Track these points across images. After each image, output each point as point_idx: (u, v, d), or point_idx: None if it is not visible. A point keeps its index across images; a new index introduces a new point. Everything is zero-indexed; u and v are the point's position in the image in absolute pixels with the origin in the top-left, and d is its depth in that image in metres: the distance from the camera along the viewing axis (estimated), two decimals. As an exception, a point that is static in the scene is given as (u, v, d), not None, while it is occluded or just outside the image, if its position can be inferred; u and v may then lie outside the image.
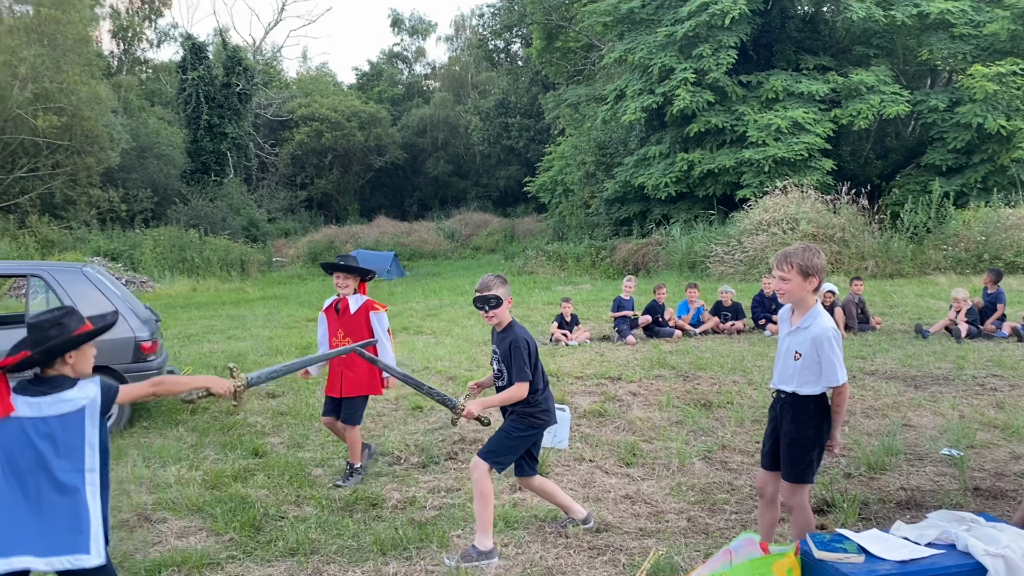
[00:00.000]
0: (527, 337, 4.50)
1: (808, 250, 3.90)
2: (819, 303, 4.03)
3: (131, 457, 6.31)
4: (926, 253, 18.76)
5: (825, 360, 3.84)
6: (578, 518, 4.80)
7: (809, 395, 3.93)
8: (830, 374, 3.83)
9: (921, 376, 8.79)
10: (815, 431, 3.95)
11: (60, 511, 3.06)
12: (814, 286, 3.90)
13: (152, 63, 55.64)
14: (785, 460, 4.03)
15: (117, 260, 27.45)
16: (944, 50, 22.78)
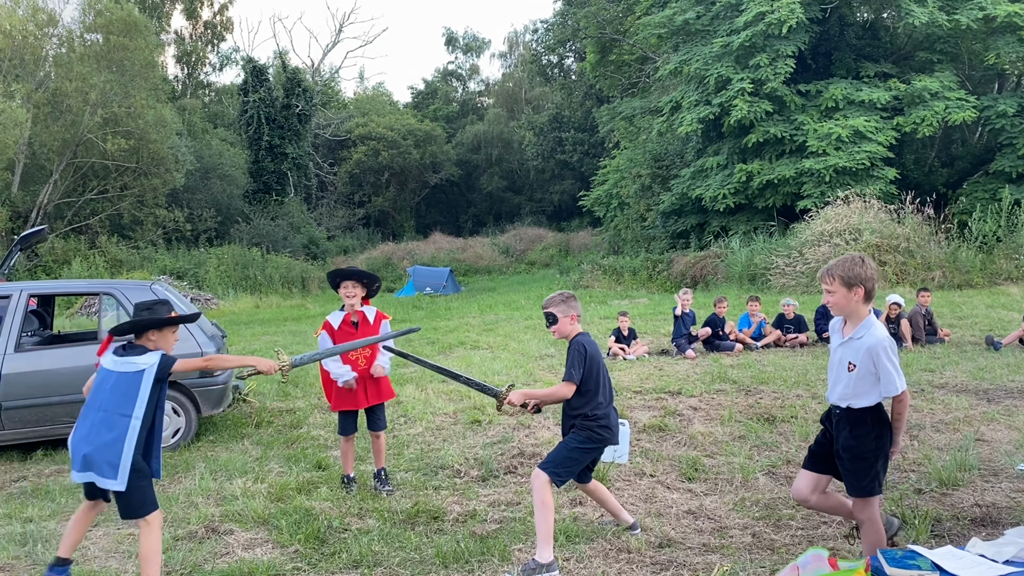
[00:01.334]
0: (587, 343, 4.59)
1: (850, 260, 3.87)
2: (872, 313, 3.96)
3: (198, 470, 6.46)
4: (996, 263, 18.19)
5: (882, 370, 3.78)
6: (626, 523, 4.92)
7: (866, 407, 3.87)
8: (888, 383, 3.78)
9: (994, 389, 8.50)
10: (876, 442, 3.90)
11: (104, 443, 3.94)
12: (860, 296, 3.84)
13: (215, 86, 57.29)
14: (850, 475, 3.97)
15: (182, 278, 28.21)
16: (1012, 53, 22.09)
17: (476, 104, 64.69)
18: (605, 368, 4.69)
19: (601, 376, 4.62)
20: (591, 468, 4.85)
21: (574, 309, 4.70)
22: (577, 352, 4.57)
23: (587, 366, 4.56)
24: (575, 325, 4.72)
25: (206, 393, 7.45)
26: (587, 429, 4.57)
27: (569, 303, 4.70)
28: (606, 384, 4.65)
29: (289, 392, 9.74)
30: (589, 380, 4.57)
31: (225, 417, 8.30)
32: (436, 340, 13.88)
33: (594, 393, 4.59)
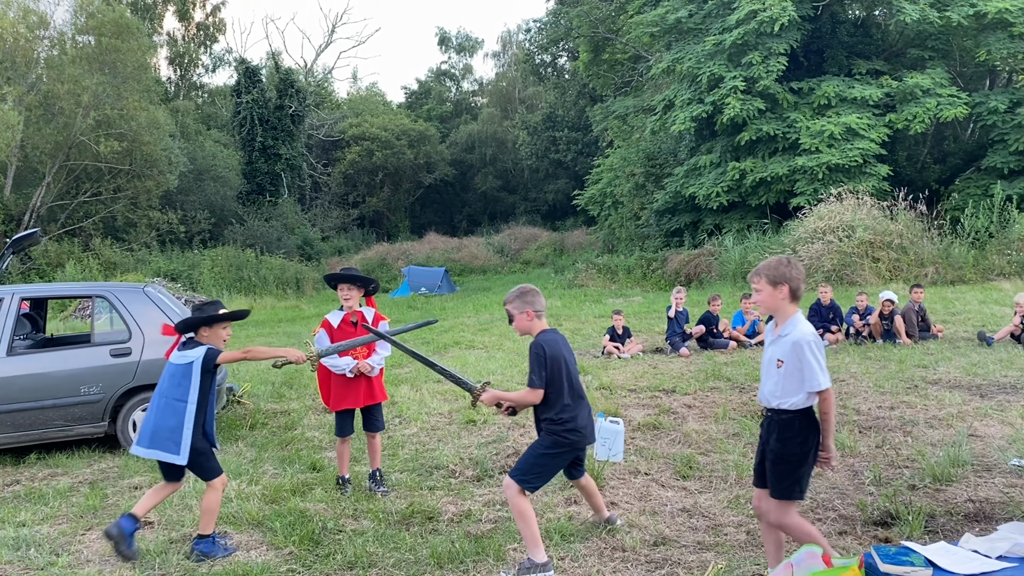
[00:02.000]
0: (546, 344, 4.44)
1: (777, 261, 4.01)
2: (799, 312, 3.98)
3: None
4: (989, 258, 18.24)
5: (805, 364, 3.81)
6: (602, 517, 4.96)
7: (795, 410, 3.87)
8: (811, 379, 3.79)
9: (987, 385, 8.52)
10: (802, 447, 3.87)
11: (168, 426, 4.69)
12: (785, 294, 3.92)
13: (208, 88, 57.14)
14: (771, 477, 3.96)
15: (177, 280, 28.16)
16: (1003, 50, 22.16)
17: (470, 104, 64.66)
18: (571, 366, 4.51)
19: (565, 377, 4.44)
20: (580, 463, 4.73)
21: (530, 304, 4.54)
22: (535, 355, 4.41)
23: (549, 368, 4.40)
24: (535, 321, 4.56)
25: (200, 395, 7.43)
26: (553, 434, 4.43)
27: (525, 298, 4.56)
28: (572, 384, 4.47)
29: (283, 394, 9.73)
30: (552, 383, 4.42)
31: (219, 419, 8.28)
32: (431, 340, 13.88)
33: (557, 395, 4.43)
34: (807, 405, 3.87)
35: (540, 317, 4.58)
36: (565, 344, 4.58)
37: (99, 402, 7.18)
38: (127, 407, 7.26)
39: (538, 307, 4.57)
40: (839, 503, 5.26)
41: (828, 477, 5.79)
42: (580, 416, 4.48)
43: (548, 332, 4.54)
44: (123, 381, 7.22)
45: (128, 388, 7.24)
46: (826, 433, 3.89)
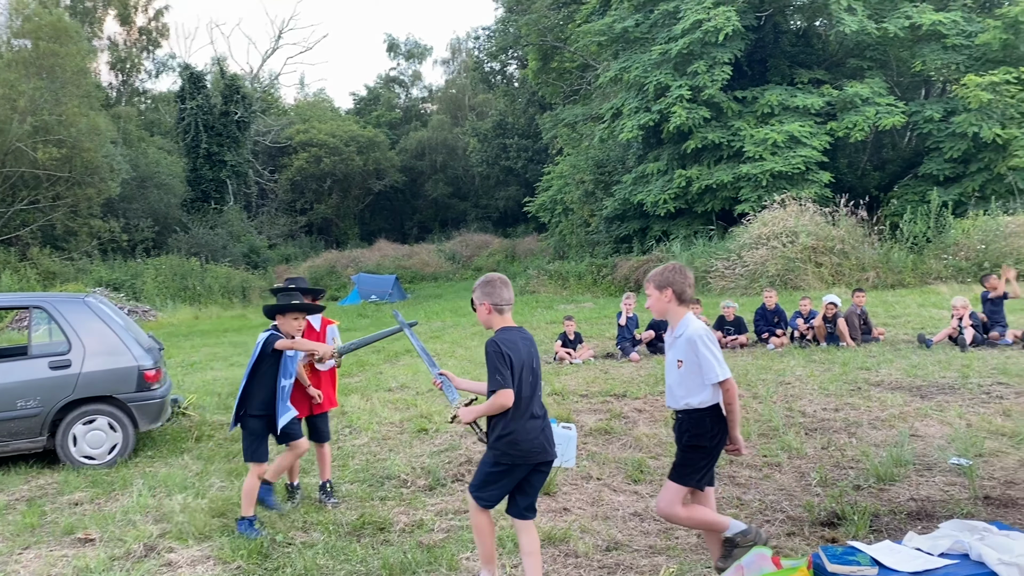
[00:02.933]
0: (503, 342, 3.95)
1: (664, 267, 4.18)
2: (690, 314, 4.12)
3: (136, 486, 6.28)
4: (927, 263, 18.77)
5: (701, 358, 3.94)
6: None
7: (704, 408, 3.98)
8: (708, 371, 3.91)
9: (926, 386, 8.76)
10: (711, 441, 4.00)
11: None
12: (670, 297, 4.09)
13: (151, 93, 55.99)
14: (676, 463, 4.10)
15: (119, 290, 27.50)
16: (937, 61, 22.89)
17: (419, 110, 64.46)
18: (529, 373, 3.99)
19: (526, 384, 3.97)
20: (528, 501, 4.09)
21: (488, 296, 4.08)
22: (494, 352, 3.92)
23: (512, 368, 3.91)
24: (493, 316, 4.10)
25: (143, 408, 7.26)
26: (494, 448, 3.99)
27: (485, 288, 4.11)
28: (522, 395, 3.94)
29: (230, 405, 9.54)
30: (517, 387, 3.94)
31: (164, 432, 8.09)
32: (382, 348, 13.77)
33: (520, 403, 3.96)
34: (714, 402, 3.97)
35: (502, 312, 4.11)
36: (529, 347, 4.07)
37: (37, 416, 6.96)
38: (67, 421, 7.05)
39: (497, 300, 4.09)
40: (787, 504, 5.34)
41: (776, 479, 5.89)
42: (526, 430, 3.94)
43: (509, 331, 4.06)
44: (62, 394, 7.02)
45: (68, 401, 7.03)
46: (732, 424, 3.99)
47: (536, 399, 4.02)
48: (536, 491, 4.11)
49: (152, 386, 7.31)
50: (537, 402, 4.04)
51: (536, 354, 4.11)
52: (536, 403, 4.02)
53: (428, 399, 9.18)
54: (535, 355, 4.10)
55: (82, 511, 5.85)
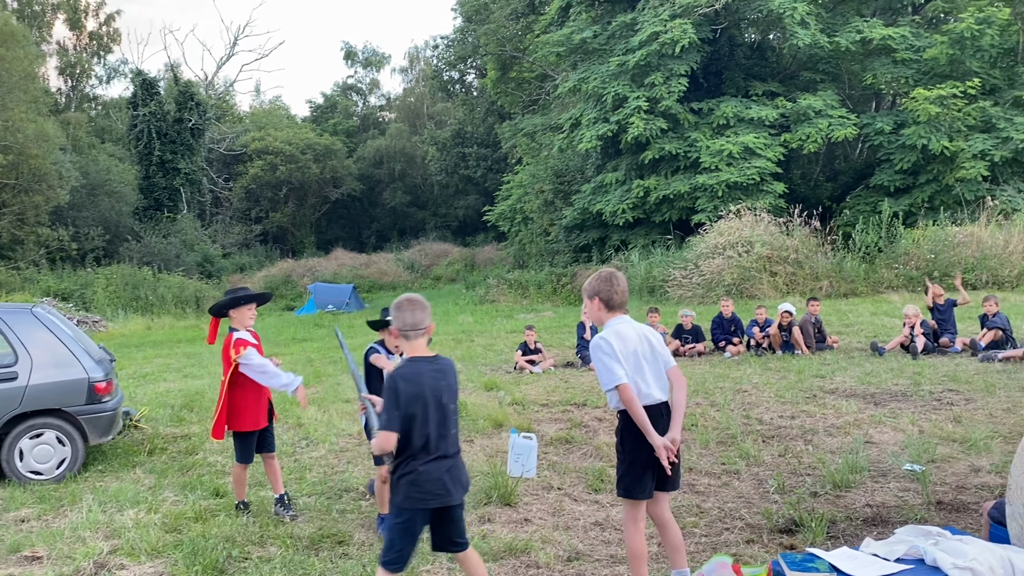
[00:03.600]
0: (401, 378, 3.63)
1: (594, 275, 4.22)
2: (613, 319, 4.11)
3: (86, 502, 6.11)
4: (878, 272, 19.14)
5: (596, 367, 4.03)
6: None
7: (619, 411, 4.06)
8: (601, 381, 4.00)
9: (880, 393, 8.92)
10: (623, 445, 4.05)
11: None
12: (598, 305, 4.14)
13: (102, 99, 54.96)
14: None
15: (68, 300, 26.85)
16: (887, 74, 23.42)
17: (377, 119, 64.16)
18: (435, 409, 3.63)
19: (420, 421, 3.60)
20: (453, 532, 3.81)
21: (397, 321, 3.72)
22: (386, 390, 3.64)
23: (404, 408, 3.58)
24: (402, 343, 3.76)
25: (94, 421, 7.06)
26: (394, 487, 3.70)
27: (394, 311, 3.77)
28: (432, 429, 3.62)
29: (184, 417, 9.35)
30: (415, 426, 3.61)
31: (115, 445, 7.89)
32: (340, 359, 13.62)
33: (405, 443, 3.62)
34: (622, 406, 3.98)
35: (408, 338, 3.72)
36: (438, 380, 3.69)
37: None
38: (12, 435, 6.82)
39: (401, 325, 3.72)
40: (746, 512, 5.38)
41: (734, 487, 5.93)
42: (428, 471, 3.63)
43: (416, 362, 3.70)
44: (8, 408, 6.80)
45: (14, 415, 6.81)
46: (644, 431, 3.88)
47: (448, 437, 3.69)
48: (456, 527, 3.79)
49: (103, 398, 7.12)
50: (449, 440, 3.71)
51: (450, 387, 3.72)
52: (447, 441, 3.69)
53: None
54: (447, 388, 3.71)
55: (29, 528, 5.67)
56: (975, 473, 5.96)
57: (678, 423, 3.98)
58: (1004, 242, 18.56)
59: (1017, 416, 7.53)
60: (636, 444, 3.93)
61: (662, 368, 4.07)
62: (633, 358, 3.98)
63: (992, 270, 17.92)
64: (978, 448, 6.51)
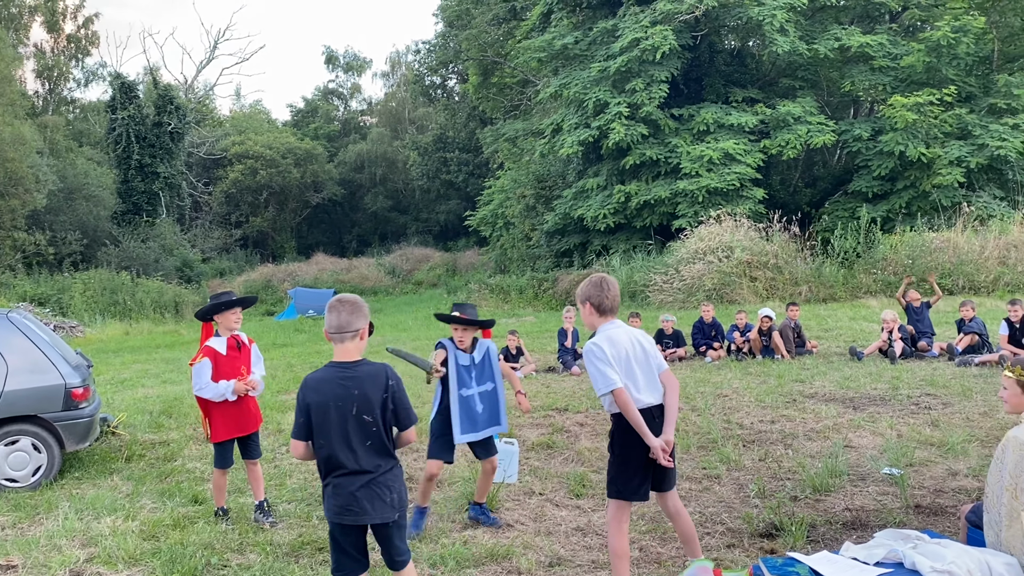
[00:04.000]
0: (307, 385, 3.52)
1: (584, 282, 4.26)
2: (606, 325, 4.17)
3: (62, 509, 6.03)
4: (857, 277, 19.31)
5: (590, 372, 4.07)
6: None
7: (613, 415, 4.10)
8: (595, 386, 4.04)
9: (859, 397, 8.98)
10: (619, 448, 4.08)
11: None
12: (589, 310, 4.19)
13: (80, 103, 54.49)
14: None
15: (45, 305, 26.55)
16: (865, 81, 23.67)
17: (358, 123, 63.98)
18: (342, 417, 3.44)
19: (322, 433, 3.45)
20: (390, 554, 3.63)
21: (327, 321, 3.52)
22: (298, 397, 3.54)
23: (306, 417, 3.47)
24: (333, 344, 3.53)
25: (70, 427, 6.98)
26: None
27: (327, 311, 3.55)
28: (337, 442, 3.44)
29: (162, 423, 9.27)
30: (318, 437, 3.47)
31: (92, 452, 7.80)
32: (320, 364, 13.52)
33: (321, 453, 3.49)
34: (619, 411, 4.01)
35: (334, 341, 3.52)
36: (348, 388, 3.46)
37: (-45, 438, 6.64)
38: (-12, 442, 6.74)
39: (330, 327, 3.50)
40: (726, 516, 5.40)
41: (715, 491, 5.95)
42: (336, 485, 3.47)
43: (325, 369, 3.53)
44: (-17, 414, 6.71)
45: (-11, 422, 6.73)
46: (640, 433, 3.94)
47: (358, 451, 3.45)
48: (388, 546, 3.61)
49: (80, 405, 7.04)
50: (364, 455, 3.46)
51: (364, 396, 3.45)
52: (361, 456, 3.45)
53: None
54: (359, 398, 3.45)
55: (3, 536, 5.59)
56: (952, 477, 6.02)
57: (671, 425, 4.04)
58: (980, 248, 18.79)
59: (993, 420, 7.62)
60: (628, 447, 3.99)
61: (655, 372, 4.13)
62: (625, 363, 4.03)
63: (968, 275, 18.13)
64: (955, 452, 6.58)
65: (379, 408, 3.47)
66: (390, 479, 3.53)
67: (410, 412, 3.59)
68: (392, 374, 3.56)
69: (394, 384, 3.53)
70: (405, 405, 3.57)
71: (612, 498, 4.10)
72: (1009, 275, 18.03)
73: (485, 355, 5.40)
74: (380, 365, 3.56)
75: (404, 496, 3.61)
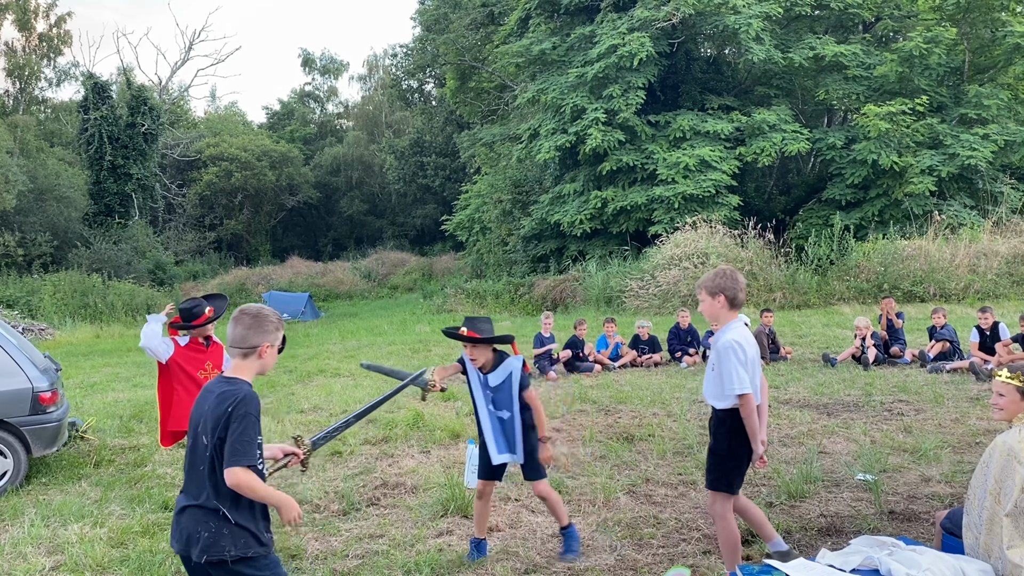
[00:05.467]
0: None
1: (714, 273, 4.31)
2: (736, 320, 4.27)
3: (28, 516, 5.90)
4: (830, 284, 19.47)
5: (724, 369, 4.10)
6: None
7: (726, 409, 4.14)
8: (728, 383, 4.07)
9: (832, 403, 9.04)
10: (728, 444, 4.16)
11: None
12: (722, 303, 4.22)
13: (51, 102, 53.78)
14: (707, 469, 4.30)
15: (13, 307, 26.14)
16: (839, 90, 23.93)
17: (335, 126, 63.70)
18: (194, 435, 3.12)
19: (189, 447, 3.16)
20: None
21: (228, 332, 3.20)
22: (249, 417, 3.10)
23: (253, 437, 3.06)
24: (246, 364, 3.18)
25: (37, 432, 6.84)
26: None
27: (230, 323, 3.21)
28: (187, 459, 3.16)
29: (133, 428, 9.12)
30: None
31: (60, 457, 7.66)
32: (294, 369, 13.43)
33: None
34: (734, 406, 4.10)
35: (231, 355, 3.22)
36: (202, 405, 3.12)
37: (-82, 443, 6.48)
38: (-49, 447, 6.59)
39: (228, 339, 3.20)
40: (703, 523, 5.39)
41: (691, 497, 5.95)
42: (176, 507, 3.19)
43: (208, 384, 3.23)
44: (-53, 419, 6.56)
45: (-47, 426, 6.58)
46: (751, 437, 4.11)
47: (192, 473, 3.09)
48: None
49: (47, 409, 6.91)
50: (194, 478, 3.08)
51: (211, 414, 3.03)
52: (191, 479, 3.10)
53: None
54: (208, 416, 3.05)
55: (-34, 544, 5.46)
56: (925, 483, 6.06)
57: (764, 426, 4.26)
58: (951, 256, 19.03)
59: (965, 426, 7.69)
60: (741, 443, 4.13)
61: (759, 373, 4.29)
62: (752, 366, 4.16)
63: (939, 283, 18.34)
64: (928, 458, 6.63)
65: (210, 433, 3.03)
66: (200, 514, 3.03)
67: (236, 449, 2.96)
68: (246, 400, 3.03)
69: (235, 410, 2.99)
70: (237, 438, 2.97)
71: (722, 491, 4.20)
72: (979, 283, 18.28)
73: (506, 380, 4.71)
74: (239, 384, 3.10)
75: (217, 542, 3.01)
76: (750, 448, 4.13)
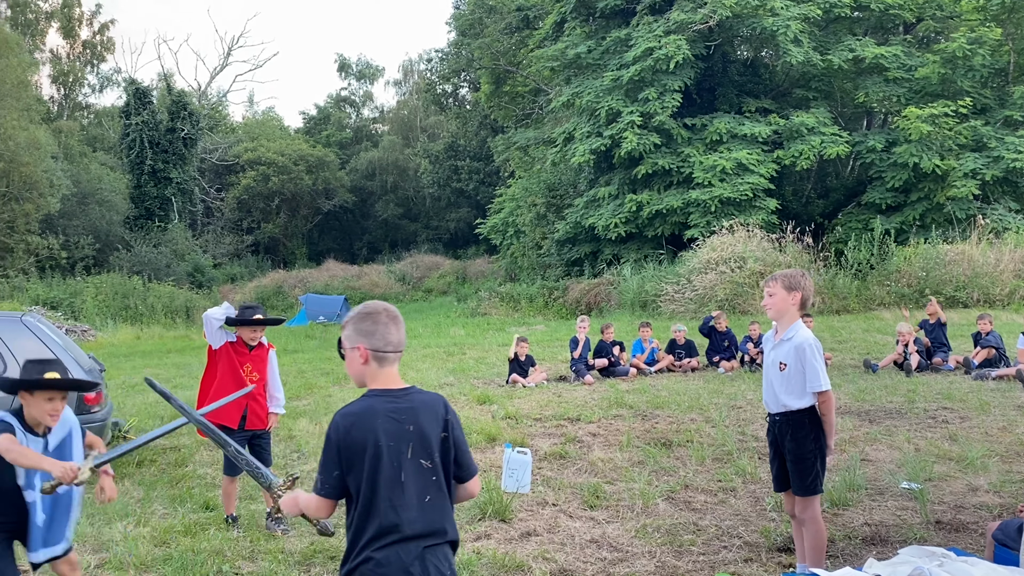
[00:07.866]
0: (343, 422, 2.63)
1: (793, 271, 4.36)
2: (800, 320, 4.30)
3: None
4: (870, 289, 19.16)
5: (808, 367, 4.13)
6: None
7: (802, 409, 4.18)
8: (813, 380, 4.12)
9: (874, 410, 8.89)
10: (815, 443, 4.21)
11: None
12: (796, 300, 4.23)
13: (94, 108, 54.89)
14: (793, 476, 4.28)
15: (57, 309, 26.67)
16: (879, 93, 23.54)
17: (370, 131, 64.16)
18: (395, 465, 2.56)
19: (374, 482, 2.54)
20: None
21: (370, 337, 2.69)
22: (326, 440, 2.62)
23: (344, 464, 2.57)
24: (371, 369, 2.71)
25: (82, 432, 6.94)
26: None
27: (362, 323, 2.71)
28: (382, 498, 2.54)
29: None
30: (357, 491, 2.56)
31: (103, 456, 7.77)
32: (331, 371, 13.52)
33: (364, 515, 2.55)
34: (811, 404, 4.17)
35: (382, 363, 2.71)
36: (401, 427, 2.63)
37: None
38: (-1, 445, 6.71)
39: (378, 344, 2.70)
40: (743, 530, 5.33)
41: (731, 504, 5.88)
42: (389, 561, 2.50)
43: (375, 397, 2.71)
44: (-5, 417, 6.68)
45: (1, 425, 6.70)
46: (827, 432, 4.21)
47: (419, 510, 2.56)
48: None
49: (92, 409, 7.03)
50: (423, 515, 2.57)
51: (423, 436, 2.64)
52: (418, 517, 2.56)
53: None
54: (417, 439, 2.62)
55: (14, 541, 5.56)
56: (973, 492, 5.93)
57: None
58: (995, 260, 18.62)
59: (1013, 435, 7.51)
60: (823, 444, 4.21)
61: None
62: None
63: (983, 288, 17.97)
64: (975, 467, 6.48)
65: (439, 451, 2.66)
66: (450, 553, 2.64)
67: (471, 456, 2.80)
68: (448, 405, 2.78)
69: (452, 419, 2.73)
70: (466, 447, 2.76)
71: (817, 494, 4.27)
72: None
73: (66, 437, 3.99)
74: (433, 393, 2.83)
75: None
76: (823, 444, 4.20)
